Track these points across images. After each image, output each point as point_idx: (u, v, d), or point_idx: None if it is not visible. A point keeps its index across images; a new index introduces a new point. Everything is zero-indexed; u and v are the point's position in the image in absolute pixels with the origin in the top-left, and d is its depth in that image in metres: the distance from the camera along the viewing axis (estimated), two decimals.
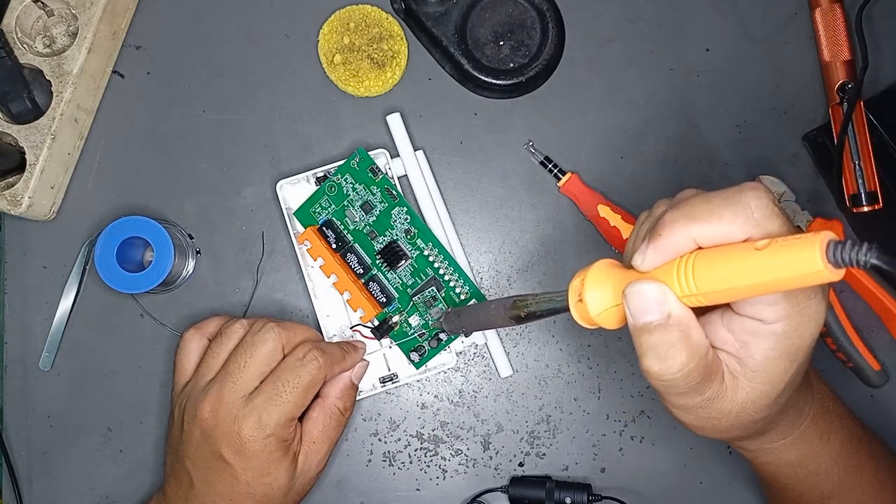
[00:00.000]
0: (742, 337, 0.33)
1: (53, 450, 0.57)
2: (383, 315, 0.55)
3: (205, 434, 0.47)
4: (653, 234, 0.32)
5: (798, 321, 0.32)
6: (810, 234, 0.27)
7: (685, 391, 0.33)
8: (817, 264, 0.26)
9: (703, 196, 0.32)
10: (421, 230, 0.55)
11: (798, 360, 0.33)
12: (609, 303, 0.33)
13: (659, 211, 0.37)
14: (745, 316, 0.32)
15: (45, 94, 0.55)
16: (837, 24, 0.55)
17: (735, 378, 0.33)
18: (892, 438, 0.54)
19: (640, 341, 0.32)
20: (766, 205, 0.30)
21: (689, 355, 0.32)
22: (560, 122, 0.58)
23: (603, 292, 0.33)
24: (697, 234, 0.31)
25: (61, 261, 0.58)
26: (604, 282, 0.34)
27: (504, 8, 0.56)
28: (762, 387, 0.33)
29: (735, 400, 0.33)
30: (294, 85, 0.59)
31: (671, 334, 0.31)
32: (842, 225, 0.54)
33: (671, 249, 0.31)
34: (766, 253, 0.28)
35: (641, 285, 0.32)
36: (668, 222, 0.31)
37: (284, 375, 0.48)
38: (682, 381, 0.32)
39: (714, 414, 0.34)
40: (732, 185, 0.32)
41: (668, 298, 0.31)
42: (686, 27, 0.58)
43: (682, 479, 0.56)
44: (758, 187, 0.31)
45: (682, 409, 0.34)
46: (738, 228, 0.30)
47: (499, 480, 0.56)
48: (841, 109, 0.54)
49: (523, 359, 0.56)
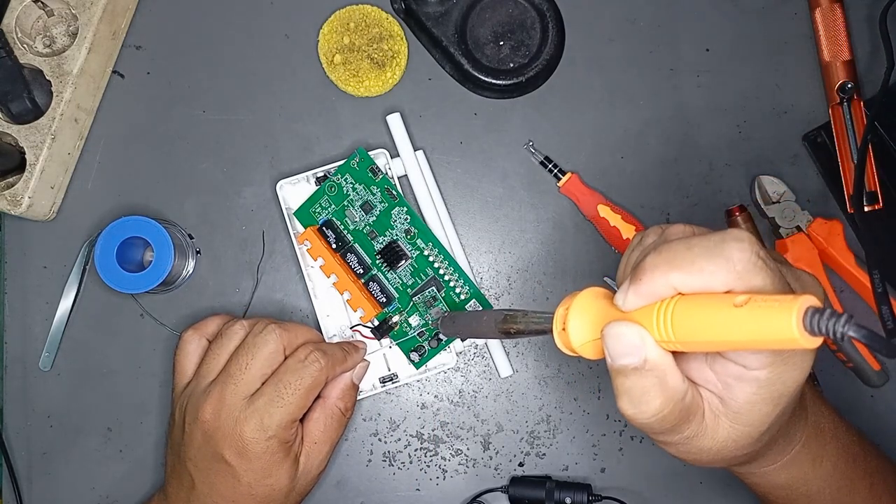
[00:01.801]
0: (725, 379, 0.32)
1: (53, 450, 0.57)
2: (383, 315, 0.55)
3: (206, 436, 0.47)
4: (633, 276, 0.31)
5: (782, 369, 0.31)
6: (789, 298, 0.26)
7: (661, 432, 0.33)
8: (792, 332, 0.26)
9: (686, 243, 0.31)
10: (421, 230, 0.55)
11: (781, 405, 0.32)
12: (590, 336, 0.33)
13: (649, 241, 0.37)
14: (729, 360, 0.32)
15: (45, 94, 0.55)
16: (837, 24, 0.55)
17: (716, 417, 0.33)
18: (892, 438, 0.54)
19: (616, 383, 0.32)
20: (748, 257, 0.29)
21: (665, 401, 0.31)
22: (560, 122, 0.58)
23: (585, 325, 0.33)
24: (677, 282, 0.30)
25: (61, 261, 0.58)
26: (587, 314, 0.33)
27: (504, 8, 0.56)
28: (744, 428, 0.33)
29: (716, 438, 0.33)
30: (294, 85, 0.59)
31: (646, 380, 0.31)
32: (842, 225, 0.54)
33: (651, 294, 0.31)
34: (744, 311, 0.27)
35: (620, 327, 0.31)
36: (649, 267, 0.31)
37: (286, 377, 0.48)
38: (656, 424, 0.32)
39: (693, 450, 0.34)
40: (717, 232, 0.31)
41: (646, 343, 0.31)
42: (686, 27, 0.58)
43: (682, 479, 0.56)
44: (741, 237, 0.30)
45: (661, 444, 0.34)
46: (719, 280, 0.29)
47: (499, 480, 0.56)
48: (841, 109, 0.54)
49: (523, 359, 0.56)
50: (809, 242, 0.54)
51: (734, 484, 0.55)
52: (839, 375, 0.55)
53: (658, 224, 0.38)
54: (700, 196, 0.57)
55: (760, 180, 0.55)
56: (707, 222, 0.56)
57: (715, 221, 0.57)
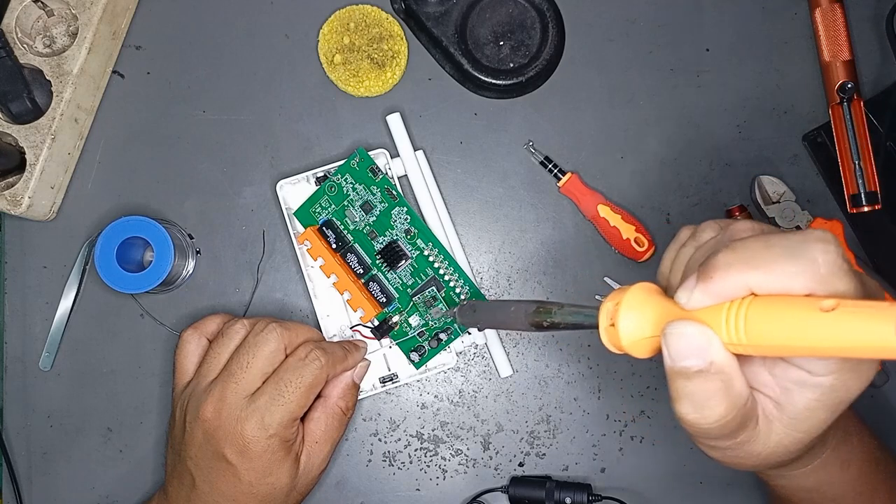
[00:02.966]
0: (785, 384, 0.31)
1: (53, 450, 0.57)
2: (383, 315, 0.55)
3: (207, 434, 0.47)
4: (703, 274, 0.30)
5: (848, 376, 0.30)
6: (885, 305, 0.25)
7: (717, 437, 0.31)
8: (891, 340, 0.24)
9: (764, 241, 0.29)
10: (421, 230, 0.55)
11: (838, 412, 0.31)
12: (644, 333, 0.31)
13: (706, 237, 0.35)
14: (792, 364, 0.30)
15: (45, 94, 0.55)
16: (837, 24, 0.55)
17: (770, 422, 0.32)
18: (892, 439, 0.54)
19: (677, 385, 0.30)
20: (834, 260, 0.28)
21: (729, 407, 0.30)
22: (560, 122, 0.58)
23: (639, 321, 0.31)
24: (754, 282, 0.28)
25: (61, 261, 0.58)
26: (641, 310, 0.31)
27: (504, 8, 0.56)
28: (797, 434, 0.32)
29: (767, 444, 0.32)
30: (294, 85, 0.59)
31: (712, 383, 0.29)
32: (842, 225, 0.54)
33: (722, 294, 0.29)
34: (831, 316, 0.26)
35: (685, 327, 0.29)
36: (723, 265, 0.29)
37: (287, 375, 0.48)
38: (716, 431, 0.31)
39: (743, 455, 0.33)
40: (798, 231, 0.29)
41: (713, 344, 0.29)
42: (686, 27, 0.58)
43: (682, 479, 0.56)
44: (826, 238, 0.28)
45: (709, 448, 0.33)
46: (801, 283, 0.28)
47: (499, 480, 0.56)
48: (841, 109, 0.54)
49: (523, 359, 0.56)
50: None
51: (734, 484, 0.55)
52: None
53: (687, 224, 0.37)
54: (700, 196, 0.57)
55: (760, 180, 0.55)
56: None
57: None
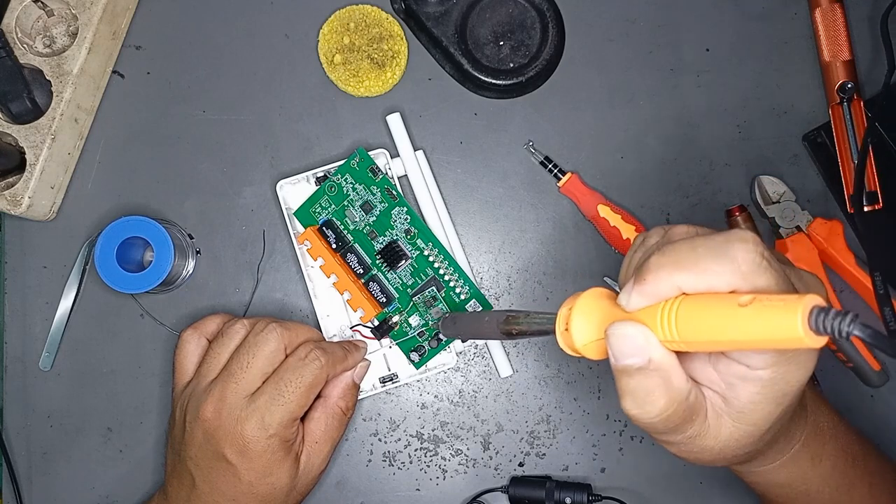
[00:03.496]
0: (728, 378, 0.32)
1: (53, 450, 0.57)
2: (383, 315, 0.55)
3: (207, 434, 0.47)
4: (638, 277, 0.31)
5: (786, 369, 0.31)
6: (794, 297, 0.26)
7: (664, 432, 0.33)
8: (797, 331, 0.26)
9: (690, 243, 0.31)
10: (421, 230, 0.55)
11: (784, 404, 0.32)
12: (593, 336, 0.33)
13: (651, 241, 0.37)
14: (733, 359, 0.32)
15: (45, 94, 0.55)
16: (837, 24, 0.55)
17: (719, 416, 0.33)
18: (892, 438, 0.54)
19: (621, 383, 0.32)
20: (752, 258, 0.29)
21: (669, 401, 0.31)
22: (560, 122, 0.58)
23: (588, 325, 0.33)
24: (682, 282, 0.30)
25: (61, 261, 0.58)
26: (590, 314, 0.33)
27: (504, 8, 0.56)
28: (747, 427, 0.33)
29: (718, 438, 0.33)
30: (294, 85, 0.59)
31: (651, 380, 0.31)
32: (842, 225, 0.54)
33: (655, 294, 0.31)
34: (748, 311, 0.27)
35: (624, 327, 0.31)
36: (654, 267, 0.31)
37: (287, 375, 0.48)
38: (660, 424, 0.32)
39: (696, 450, 0.34)
40: (721, 232, 0.31)
41: (651, 342, 0.31)
42: (686, 27, 0.58)
43: (682, 479, 0.56)
44: (746, 238, 0.30)
45: (664, 443, 0.34)
46: (724, 280, 0.29)
47: (499, 480, 0.56)
48: (841, 109, 0.54)
49: (523, 359, 0.56)
50: (809, 242, 0.54)
51: (734, 484, 0.55)
52: (839, 375, 0.55)
53: (660, 225, 0.38)
54: (700, 196, 0.57)
55: (760, 180, 0.55)
56: (707, 222, 0.56)
57: (715, 221, 0.57)
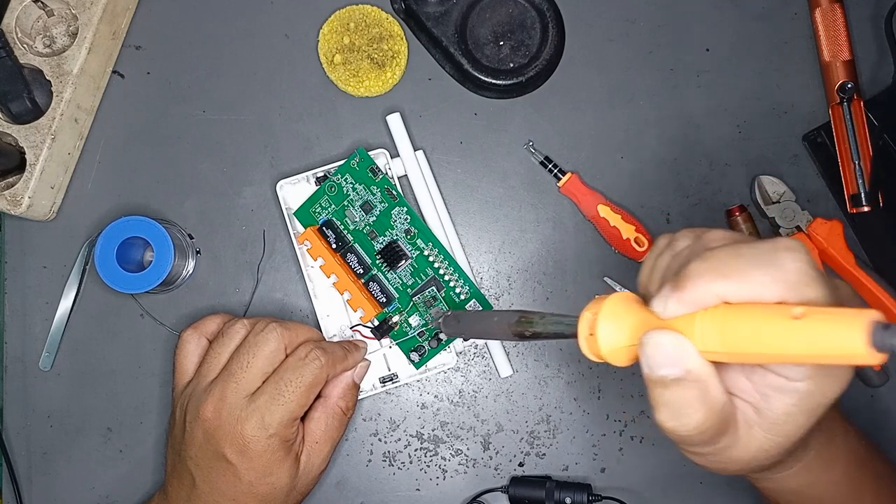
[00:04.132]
0: (763, 390, 0.31)
1: (53, 450, 0.57)
2: (383, 315, 0.55)
3: (207, 434, 0.47)
4: (676, 284, 0.30)
5: (824, 381, 0.30)
6: (853, 312, 0.25)
7: (697, 444, 0.32)
8: (859, 347, 0.24)
9: (734, 250, 0.29)
10: (421, 230, 0.55)
11: (817, 416, 0.31)
12: (622, 342, 0.32)
13: (681, 245, 0.35)
14: (769, 370, 0.31)
15: (45, 94, 0.55)
16: (837, 24, 0.55)
17: (750, 427, 0.32)
18: (892, 438, 0.54)
19: (655, 394, 0.31)
20: (802, 268, 0.28)
21: (707, 414, 0.30)
22: (560, 122, 0.58)
23: (617, 331, 0.32)
24: (725, 291, 0.29)
25: (61, 261, 0.58)
26: (619, 319, 0.32)
27: (504, 8, 0.56)
28: (777, 438, 0.32)
29: (748, 449, 0.32)
30: (294, 85, 0.59)
31: (688, 391, 0.30)
32: (842, 225, 0.54)
33: (695, 302, 0.29)
34: (802, 324, 0.26)
35: (661, 336, 0.30)
36: (694, 274, 0.29)
37: (287, 375, 0.48)
38: (696, 437, 0.31)
39: (725, 460, 0.33)
40: (768, 240, 0.30)
41: (689, 353, 0.29)
42: (686, 27, 0.58)
43: (682, 479, 0.56)
44: (796, 247, 0.29)
45: (691, 454, 0.33)
46: (771, 290, 0.28)
47: (499, 480, 0.56)
48: (841, 109, 0.54)
49: (523, 359, 0.56)
50: (809, 242, 0.54)
51: (734, 484, 0.55)
52: None
53: (691, 228, 0.36)
54: (700, 196, 0.57)
55: (760, 180, 0.55)
56: (707, 222, 0.56)
57: (715, 221, 0.57)
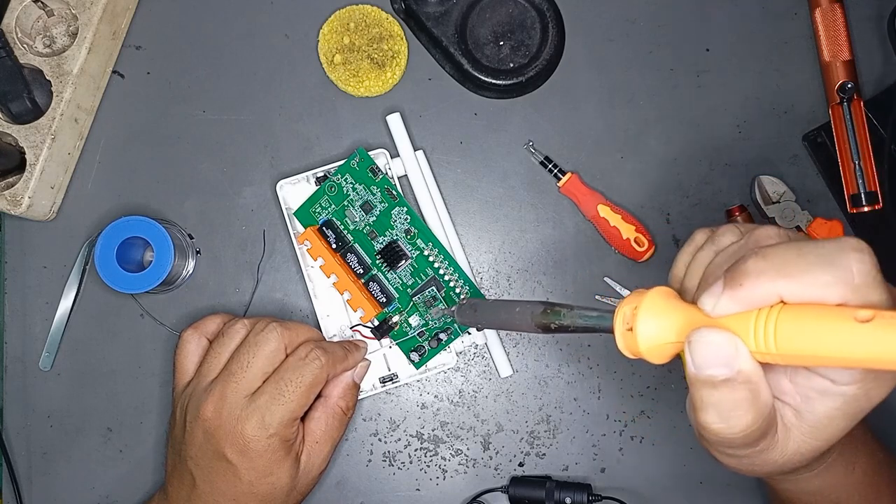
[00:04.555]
0: (807, 392, 0.30)
1: (53, 450, 0.57)
2: (383, 315, 0.55)
3: (207, 434, 0.47)
4: (731, 280, 0.29)
5: (871, 386, 0.29)
6: None
7: (739, 447, 0.31)
8: None
9: (796, 248, 0.29)
10: (421, 230, 0.55)
11: (857, 420, 0.31)
12: (663, 339, 0.31)
13: (726, 241, 0.34)
14: (815, 373, 0.30)
15: (45, 94, 0.55)
16: (837, 24, 0.55)
17: (788, 430, 0.31)
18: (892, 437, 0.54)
19: (701, 394, 0.30)
20: (869, 270, 0.27)
21: (756, 416, 0.29)
22: (560, 122, 0.58)
23: (658, 327, 0.31)
24: (785, 290, 0.28)
25: (61, 261, 0.58)
26: (660, 315, 0.31)
27: (504, 8, 0.56)
28: (815, 442, 0.31)
29: (784, 452, 0.32)
30: (294, 85, 0.59)
31: (738, 393, 0.29)
32: (842, 224, 0.54)
33: (750, 301, 0.28)
34: (868, 327, 0.25)
35: (712, 335, 0.29)
36: (753, 272, 0.28)
37: (287, 375, 0.48)
38: (741, 440, 0.30)
39: (759, 463, 0.32)
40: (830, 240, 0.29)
41: (741, 353, 0.28)
42: (686, 27, 0.58)
43: (682, 479, 0.56)
44: (862, 248, 0.28)
45: (727, 457, 0.33)
46: (835, 292, 0.27)
47: (499, 480, 0.56)
48: (841, 109, 0.54)
49: (523, 359, 0.56)
50: None
51: (734, 484, 0.55)
52: None
53: (735, 224, 0.35)
54: (700, 196, 0.57)
55: (760, 180, 0.55)
56: (707, 222, 0.56)
57: (715, 221, 0.57)
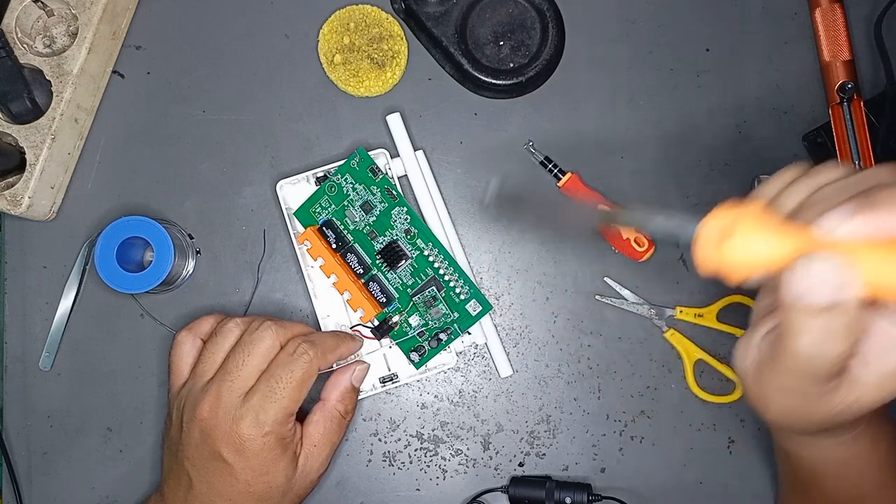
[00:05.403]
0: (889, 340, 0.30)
1: (53, 450, 0.57)
2: (383, 315, 0.55)
3: (204, 434, 0.47)
4: (864, 203, 0.27)
5: None
6: None
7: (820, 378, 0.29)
8: None
9: None
10: (421, 230, 0.55)
11: None
12: (763, 256, 0.28)
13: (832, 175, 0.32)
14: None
15: (45, 94, 0.55)
16: (837, 24, 0.55)
17: (853, 377, 0.30)
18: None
19: (798, 320, 0.28)
20: None
21: (848, 346, 0.28)
22: (560, 122, 0.58)
23: (759, 242, 0.28)
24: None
25: (61, 261, 0.58)
26: (761, 231, 0.29)
27: (504, 8, 0.56)
28: (876, 394, 0.30)
29: (844, 400, 0.30)
30: (294, 85, 0.59)
31: (838, 322, 0.27)
32: None
33: (884, 227, 0.27)
34: None
35: (828, 260, 0.27)
36: (889, 200, 0.27)
37: (277, 372, 0.48)
38: (826, 370, 0.29)
39: (817, 406, 0.31)
40: None
41: (854, 281, 0.27)
42: (686, 27, 0.58)
43: (682, 479, 0.56)
44: None
45: (782, 390, 0.31)
46: None
47: (499, 480, 0.56)
48: (841, 109, 0.54)
49: (523, 359, 0.56)
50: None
51: (734, 484, 0.55)
52: None
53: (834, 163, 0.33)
54: (700, 196, 0.57)
55: (760, 180, 0.55)
56: None
57: None
